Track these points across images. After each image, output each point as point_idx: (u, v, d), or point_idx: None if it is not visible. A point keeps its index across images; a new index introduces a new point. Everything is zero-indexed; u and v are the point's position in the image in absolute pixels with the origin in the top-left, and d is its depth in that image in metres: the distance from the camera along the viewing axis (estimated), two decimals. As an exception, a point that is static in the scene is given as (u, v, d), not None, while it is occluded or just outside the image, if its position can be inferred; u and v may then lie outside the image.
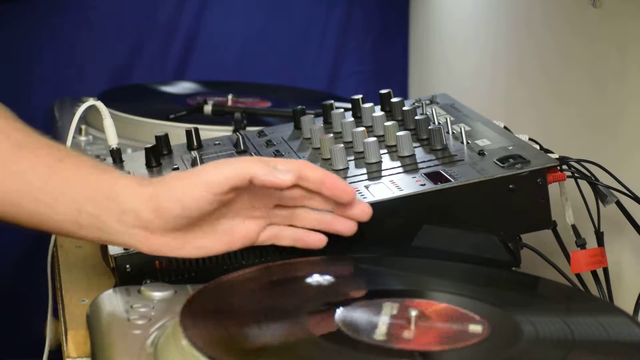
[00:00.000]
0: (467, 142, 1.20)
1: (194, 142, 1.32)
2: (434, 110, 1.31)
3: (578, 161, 1.17)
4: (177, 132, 1.37)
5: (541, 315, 0.92)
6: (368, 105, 1.33)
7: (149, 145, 1.28)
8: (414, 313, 0.90)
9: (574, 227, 1.16)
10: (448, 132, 1.23)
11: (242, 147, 1.29)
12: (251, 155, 1.24)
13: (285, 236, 1.04)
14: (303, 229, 1.05)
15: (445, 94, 1.39)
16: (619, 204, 1.16)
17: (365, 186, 1.13)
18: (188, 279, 1.05)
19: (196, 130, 1.33)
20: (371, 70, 2.08)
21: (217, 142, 1.33)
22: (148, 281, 1.04)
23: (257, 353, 0.85)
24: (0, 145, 1.01)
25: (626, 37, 1.25)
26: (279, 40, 2.06)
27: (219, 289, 0.96)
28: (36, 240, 1.91)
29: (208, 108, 1.65)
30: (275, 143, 1.31)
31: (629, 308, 1.12)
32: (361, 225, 1.05)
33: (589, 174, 1.17)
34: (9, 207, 1.01)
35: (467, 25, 1.78)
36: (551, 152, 1.18)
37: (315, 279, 1.02)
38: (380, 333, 0.88)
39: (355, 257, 1.07)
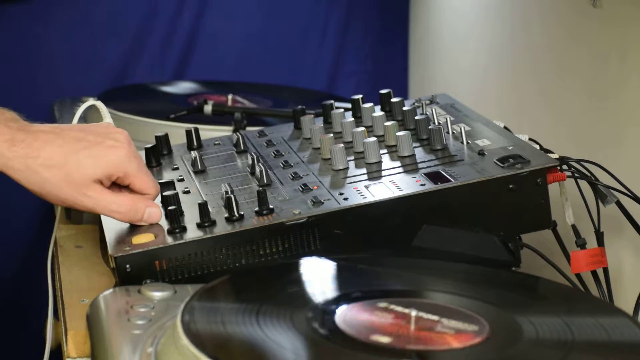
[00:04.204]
0: (467, 142, 1.19)
1: (194, 142, 1.32)
2: (434, 110, 1.31)
3: (578, 161, 1.17)
4: (177, 132, 1.37)
5: (541, 315, 0.92)
6: (368, 105, 1.33)
7: (149, 145, 1.28)
8: (413, 313, 0.90)
9: (574, 227, 1.16)
10: (448, 132, 1.23)
11: (242, 147, 1.29)
12: (251, 155, 1.24)
13: None
14: None
15: (445, 94, 1.39)
16: (619, 204, 1.16)
17: (365, 186, 1.12)
18: (188, 279, 1.05)
19: (196, 130, 1.33)
20: (371, 70, 2.08)
21: (217, 142, 1.33)
22: (148, 281, 1.04)
23: (257, 353, 0.85)
24: None
25: (626, 37, 1.25)
26: (279, 40, 2.06)
27: (219, 289, 0.96)
28: (36, 240, 1.91)
29: (208, 108, 1.65)
30: (275, 143, 1.31)
31: (629, 308, 1.12)
32: (361, 225, 1.05)
33: (589, 174, 1.17)
34: None
35: (467, 25, 1.78)
36: (551, 152, 1.18)
37: (315, 278, 1.02)
38: (379, 333, 0.88)
39: (355, 257, 1.06)
